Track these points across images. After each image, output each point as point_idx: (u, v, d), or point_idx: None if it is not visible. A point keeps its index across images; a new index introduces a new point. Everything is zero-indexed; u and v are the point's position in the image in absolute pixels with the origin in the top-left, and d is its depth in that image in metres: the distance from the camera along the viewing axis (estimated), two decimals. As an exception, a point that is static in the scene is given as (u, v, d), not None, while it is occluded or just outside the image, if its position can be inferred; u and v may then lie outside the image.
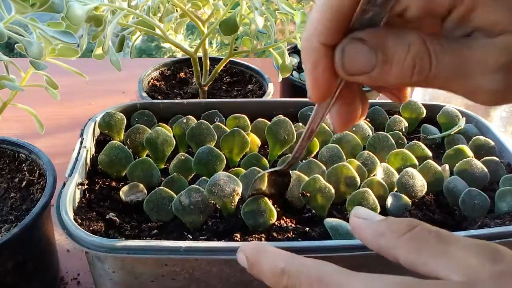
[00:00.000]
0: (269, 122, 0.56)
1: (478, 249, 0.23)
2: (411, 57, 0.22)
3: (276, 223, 0.43)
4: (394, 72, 0.23)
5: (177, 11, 0.69)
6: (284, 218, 0.44)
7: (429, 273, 0.24)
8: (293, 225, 0.43)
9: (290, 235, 0.41)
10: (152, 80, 0.80)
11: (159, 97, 0.75)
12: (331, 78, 0.26)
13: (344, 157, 0.51)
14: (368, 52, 0.23)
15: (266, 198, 0.43)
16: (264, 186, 0.43)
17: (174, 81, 0.83)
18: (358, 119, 0.31)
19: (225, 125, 0.56)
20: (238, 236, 0.40)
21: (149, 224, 0.43)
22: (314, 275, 0.25)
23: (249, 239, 0.40)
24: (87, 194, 0.46)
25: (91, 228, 0.41)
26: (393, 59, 0.23)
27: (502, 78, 0.22)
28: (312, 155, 0.53)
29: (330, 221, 0.42)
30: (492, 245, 0.24)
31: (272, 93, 0.74)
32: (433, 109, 0.62)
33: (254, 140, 0.54)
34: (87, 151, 0.49)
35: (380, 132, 0.56)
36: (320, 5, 0.24)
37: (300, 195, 0.45)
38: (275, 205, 0.43)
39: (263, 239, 0.40)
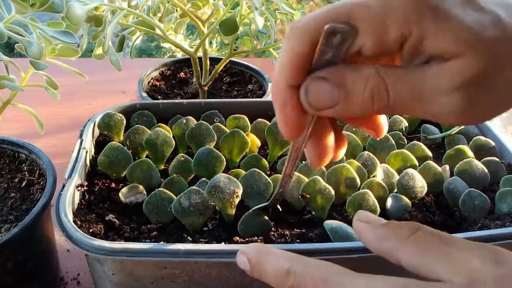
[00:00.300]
0: (269, 123, 0.56)
1: (479, 252, 0.23)
2: (369, 89, 0.24)
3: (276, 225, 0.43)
4: (356, 104, 0.25)
5: (177, 11, 0.69)
6: (284, 218, 0.44)
7: (431, 276, 0.24)
8: (293, 227, 0.43)
9: (289, 237, 0.41)
10: (152, 80, 0.80)
11: (159, 97, 0.75)
12: (299, 116, 0.27)
13: (344, 158, 0.51)
14: (330, 89, 0.25)
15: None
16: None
17: (174, 81, 0.82)
18: (336, 153, 0.32)
19: (225, 126, 0.56)
20: (238, 239, 0.40)
21: (148, 225, 0.43)
22: (319, 275, 0.25)
23: (248, 241, 0.40)
24: (87, 196, 0.46)
25: (90, 230, 0.41)
26: (353, 93, 0.24)
27: (459, 98, 0.23)
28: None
29: (329, 223, 0.42)
30: (493, 247, 0.24)
31: (272, 93, 0.74)
32: (433, 110, 0.62)
33: (254, 141, 0.54)
34: (87, 152, 0.49)
35: (380, 132, 0.56)
36: (284, 49, 0.26)
37: (300, 196, 0.45)
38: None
39: (262, 241, 0.40)
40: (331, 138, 0.31)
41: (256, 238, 0.41)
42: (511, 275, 0.22)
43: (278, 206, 0.42)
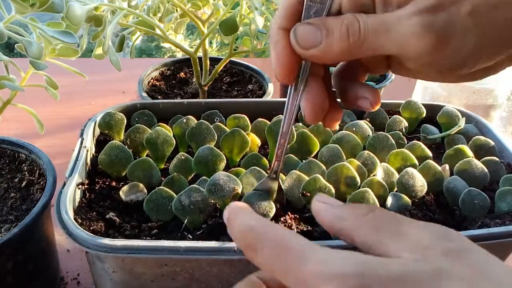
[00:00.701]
0: (269, 122, 0.56)
1: (430, 230, 0.24)
2: (344, 25, 0.29)
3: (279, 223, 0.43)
4: (335, 40, 0.30)
5: (177, 11, 0.69)
6: (284, 218, 0.44)
7: (384, 253, 0.24)
8: (294, 225, 0.43)
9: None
10: (152, 80, 0.80)
11: (159, 97, 0.75)
12: (290, 55, 0.32)
13: (344, 157, 0.51)
14: (315, 29, 0.30)
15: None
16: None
17: (174, 81, 0.83)
18: (331, 122, 0.36)
19: (225, 125, 0.56)
20: None
21: (149, 224, 0.43)
22: (280, 240, 0.25)
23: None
24: (87, 194, 0.46)
25: (91, 228, 0.41)
26: (332, 30, 0.30)
27: (418, 21, 0.27)
28: (312, 155, 0.53)
29: (330, 221, 0.42)
30: (443, 227, 0.26)
31: (272, 93, 0.74)
32: (433, 109, 0.62)
33: (254, 140, 0.54)
34: (87, 151, 0.49)
35: (380, 132, 0.56)
36: (281, 2, 0.33)
37: (300, 195, 0.45)
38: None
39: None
40: (325, 99, 0.35)
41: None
42: (457, 249, 0.23)
43: (281, 182, 0.42)
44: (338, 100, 0.37)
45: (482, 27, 0.27)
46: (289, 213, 0.44)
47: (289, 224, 0.43)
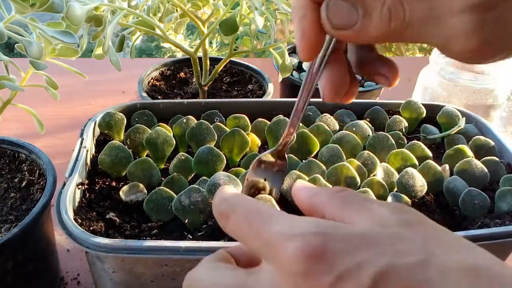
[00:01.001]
0: (269, 122, 0.56)
1: (391, 206, 0.26)
2: (386, 7, 0.26)
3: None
4: (374, 22, 0.26)
5: (177, 11, 0.69)
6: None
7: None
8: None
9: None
10: (152, 80, 0.80)
11: (159, 97, 0.75)
12: (317, 32, 0.28)
13: (344, 157, 0.51)
14: (350, 7, 0.27)
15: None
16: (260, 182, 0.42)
17: (174, 81, 0.83)
18: (348, 96, 0.33)
19: (225, 125, 0.56)
20: None
21: (149, 224, 0.43)
22: (250, 206, 0.26)
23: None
24: (87, 194, 0.46)
25: (91, 228, 0.41)
26: (372, 12, 0.26)
27: (469, 19, 0.25)
28: (312, 155, 0.53)
29: (330, 221, 0.42)
30: (401, 204, 0.28)
31: (272, 93, 0.74)
32: (433, 109, 0.62)
33: (254, 140, 0.54)
34: (87, 151, 0.49)
35: (380, 132, 0.56)
36: None
37: (300, 195, 0.45)
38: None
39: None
40: (346, 76, 0.32)
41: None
42: (413, 220, 0.24)
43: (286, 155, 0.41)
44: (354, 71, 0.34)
45: None
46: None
47: None
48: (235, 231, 0.26)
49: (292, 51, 0.93)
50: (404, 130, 0.60)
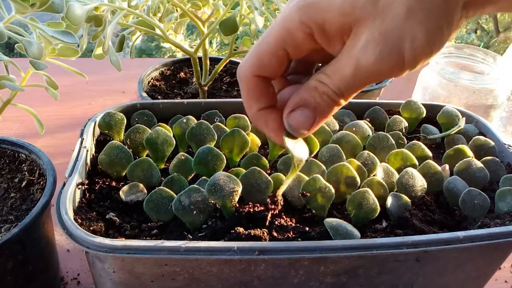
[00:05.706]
0: (269, 122, 0.56)
1: None
2: (318, 94, 0.32)
3: (277, 222, 0.43)
4: (324, 108, 0.32)
5: (177, 11, 0.69)
6: (285, 217, 0.44)
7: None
8: (294, 225, 0.43)
9: (290, 235, 0.41)
10: (152, 80, 0.80)
11: (159, 97, 0.75)
12: (281, 124, 0.34)
13: (344, 157, 0.51)
14: (303, 113, 0.33)
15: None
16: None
17: (174, 81, 0.83)
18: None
19: (225, 125, 0.56)
20: (241, 229, 0.40)
21: (149, 224, 0.43)
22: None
23: (250, 236, 0.40)
24: (87, 194, 0.46)
25: (91, 228, 0.41)
26: (316, 103, 0.32)
27: (372, 51, 0.29)
28: (312, 155, 0.53)
29: (330, 221, 0.42)
30: None
31: (272, 93, 0.74)
32: (433, 109, 0.62)
33: (254, 140, 0.54)
34: (87, 151, 0.49)
35: (380, 132, 0.56)
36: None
37: (300, 195, 0.45)
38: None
39: (262, 238, 0.40)
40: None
41: (258, 205, 0.42)
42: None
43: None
44: None
45: (427, 19, 0.28)
46: (283, 216, 0.44)
47: (286, 221, 0.43)
48: None
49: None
50: (404, 130, 0.60)
